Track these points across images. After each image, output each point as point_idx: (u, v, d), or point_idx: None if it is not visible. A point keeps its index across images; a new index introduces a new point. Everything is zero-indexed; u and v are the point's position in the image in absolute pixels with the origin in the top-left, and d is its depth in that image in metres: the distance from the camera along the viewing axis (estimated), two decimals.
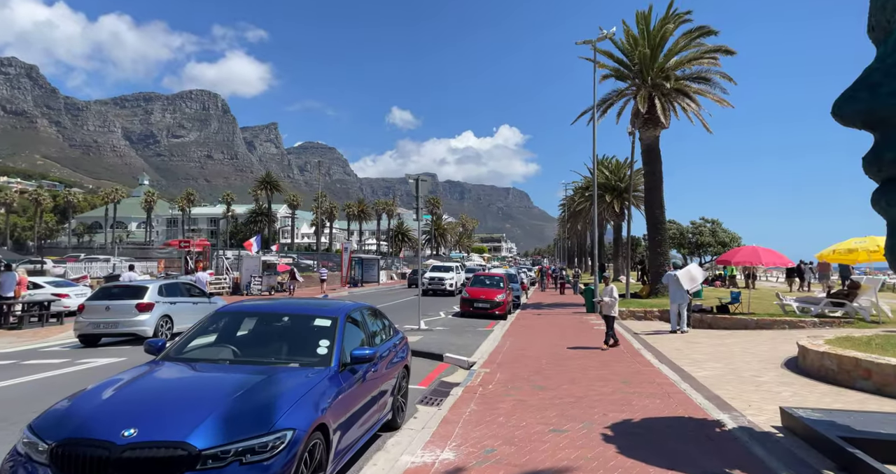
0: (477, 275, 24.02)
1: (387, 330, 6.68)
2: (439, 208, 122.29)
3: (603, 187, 44.98)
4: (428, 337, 14.16)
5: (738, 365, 9.50)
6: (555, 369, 9.71)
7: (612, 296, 11.83)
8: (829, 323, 13.13)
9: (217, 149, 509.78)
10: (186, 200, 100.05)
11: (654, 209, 24.71)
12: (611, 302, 11.83)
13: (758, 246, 14.74)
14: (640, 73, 23.75)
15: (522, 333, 15.12)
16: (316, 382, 4.28)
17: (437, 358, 11.46)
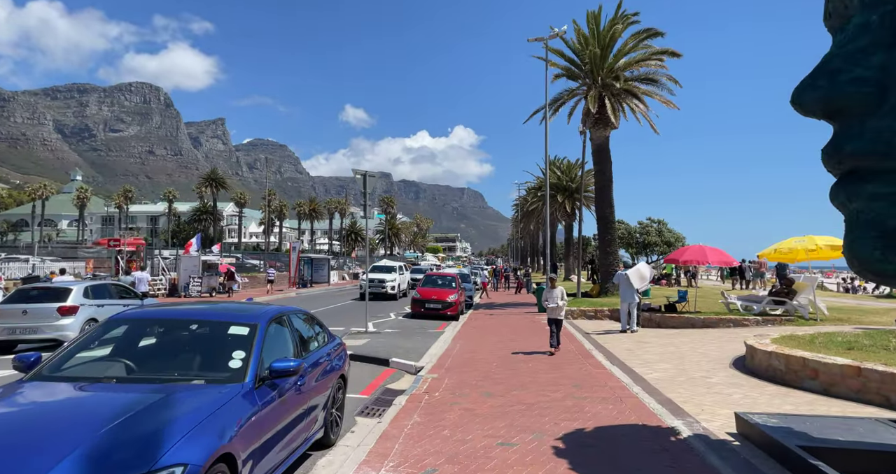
0: (429, 275, 23.53)
1: (320, 336, 6.05)
2: (393, 207, 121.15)
3: (555, 187, 45.45)
4: (375, 340, 13.54)
5: (689, 366, 9.39)
6: (505, 373, 9.32)
7: (563, 299, 11.31)
8: (770, 321, 13.38)
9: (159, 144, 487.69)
10: (124, 197, 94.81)
11: (605, 208, 24.92)
12: (557, 306, 11.19)
13: (704, 245, 14.90)
14: (590, 72, 23.88)
15: (473, 335, 14.72)
16: (223, 402, 3.64)
17: (382, 364, 10.87)
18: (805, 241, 13.12)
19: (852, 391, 6.73)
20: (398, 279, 28.51)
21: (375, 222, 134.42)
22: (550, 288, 11.31)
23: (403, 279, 30.22)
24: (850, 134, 4.25)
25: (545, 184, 25.66)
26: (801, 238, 13.34)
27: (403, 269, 31.49)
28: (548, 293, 11.34)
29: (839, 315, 14.63)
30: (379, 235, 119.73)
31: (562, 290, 11.30)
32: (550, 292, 11.28)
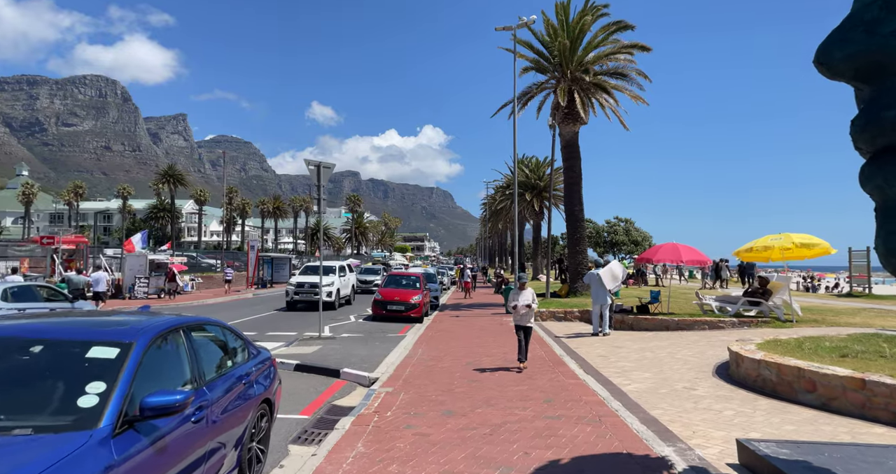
0: (392, 275, 22.38)
1: (238, 353, 4.90)
2: (360, 206, 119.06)
3: (523, 185, 44.86)
4: (328, 347, 12.36)
5: (669, 375, 8.58)
6: (469, 385, 8.31)
7: (534, 301, 9.56)
8: (746, 322, 12.80)
9: (116, 140, 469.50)
10: (74, 193, 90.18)
11: (574, 206, 24.26)
12: (527, 311, 9.45)
13: (677, 243, 14.26)
14: (559, 65, 23.16)
15: (437, 339, 13.70)
16: (55, 461, 2.50)
17: (332, 375, 9.73)
18: (781, 239, 12.58)
19: (856, 406, 5.98)
20: (338, 283, 22.08)
21: (342, 221, 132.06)
22: (519, 289, 9.63)
23: (346, 283, 23.62)
24: (891, 97, 3.39)
25: (513, 182, 24.85)
26: (777, 236, 12.81)
27: (347, 270, 24.49)
28: (516, 295, 9.59)
29: (812, 315, 14.20)
30: (345, 234, 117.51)
31: (532, 293, 9.63)
32: (519, 294, 9.54)
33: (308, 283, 21.04)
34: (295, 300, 21.33)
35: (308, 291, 20.93)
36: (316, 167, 13.45)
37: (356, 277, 29.40)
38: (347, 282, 23.86)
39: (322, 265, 21.04)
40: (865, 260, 27.03)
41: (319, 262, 14.92)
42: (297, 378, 9.52)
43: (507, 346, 12.43)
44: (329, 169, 13.72)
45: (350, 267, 26.54)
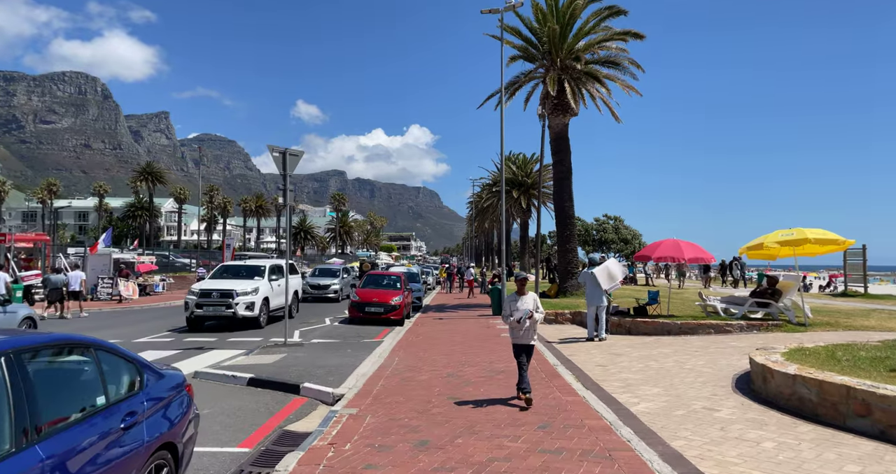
0: (371, 274, 21.01)
1: (117, 384, 3.54)
2: (345, 205, 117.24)
3: (510, 183, 43.70)
4: (293, 355, 10.99)
5: (682, 390, 7.37)
6: (448, 405, 7.03)
7: (538, 311, 6.97)
8: (755, 326, 11.69)
9: (96, 137, 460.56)
10: (47, 191, 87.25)
11: (564, 202, 23.12)
12: (529, 324, 6.88)
13: (679, 239, 13.12)
14: (548, 53, 21.98)
15: (417, 345, 12.40)
16: None
17: (291, 391, 8.37)
18: (793, 234, 11.48)
19: None
20: (265, 290, 15.78)
21: (327, 220, 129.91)
22: (519, 294, 6.99)
23: (280, 289, 16.50)
24: None
25: (501, 177, 23.63)
26: (787, 231, 11.71)
27: (271, 273, 17.05)
28: (513, 302, 6.97)
29: (823, 317, 13.14)
30: (330, 233, 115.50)
31: (536, 298, 7.03)
32: (519, 301, 6.92)
33: (218, 291, 14.69)
34: (197, 316, 14.76)
35: (218, 302, 14.58)
36: (281, 154, 12.05)
37: (307, 281, 25.12)
38: (283, 289, 15.92)
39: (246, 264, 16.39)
40: (861, 258, 26.26)
41: (287, 259, 13.47)
42: (250, 395, 8.16)
43: (494, 353, 11.18)
44: (296, 157, 12.32)
45: (294, 267, 20.06)
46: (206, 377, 9.06)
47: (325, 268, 28.91)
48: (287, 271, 13.90)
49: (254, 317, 15.12)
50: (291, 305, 17.68)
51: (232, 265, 17.85)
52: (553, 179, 24.27)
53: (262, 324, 15.39)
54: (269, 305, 15.91)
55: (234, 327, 15.22)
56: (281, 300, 16.51)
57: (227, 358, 10.80)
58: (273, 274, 16.82)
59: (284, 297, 14.88)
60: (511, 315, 6.92)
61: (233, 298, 14.74)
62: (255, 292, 15.34)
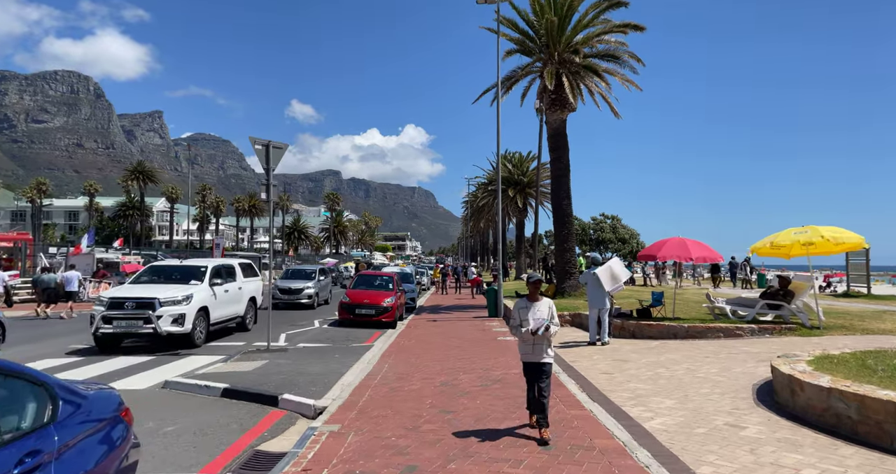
0: (362, 275, 20.28)
1: (16, 416, 2.80)
2: (339, 204, 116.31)
3: (506, 181, 43.02)
4: (276, 362, 10.24)
5: (700, 403, 6.68)
6: (441, 419, 6.32)
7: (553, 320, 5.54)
8: (768, 329, 11.03)
9: (89, 137, 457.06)
10: (37, 190, 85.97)
11: (561, 200, 22.44)
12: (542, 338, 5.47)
13: (685, 237, 12.46)
14: (546, 46, 21.30)
15: (409, 350, 11.69)
16: None
17: (269, 403, 7.63)
18: (807, 233, 10.85)
19: None
20: (203, 298, 12.26)
21: (321, 219, 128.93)
22: (531, 300, 5.63)
23: (229, 297, 13.54)
24: None
25: (497, 174, 22.95)
26: (801, 228, 11.08)
27: (236, 275, 14.31)
28: (524, 310, 5.58)
29: (835, 320, 12.50)
30: (324, 233, 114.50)
31: (551, 306, 5.65)
32: (531, 308, 5.54)
33: (134, 301, 11.14)
34: (106, 335, 11.30)
35: (133, 316, 11.06)
36: (264, 147, 11.31)
37: (276, 284, 21.58)
38: (234, 297, 13.66)
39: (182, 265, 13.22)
40: (864, 258, 25.72)
41: (270, 259, 12.70)
42: (223, 408, 7.42)
43: (490, 359, 10.49)
44: (280, 150, 11.59)
45: (252, 267, 15.81)
46: (177, 387, 8.32)
47: (297, 269, 24.71)
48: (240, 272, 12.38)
49: (184, 334, 11.46)
50: (247, 315, 14.63)
51: (162, 266, 14.04)
52: (550, 177, 23.62)
53: (196, 341, 11.84)
54: (208, 317, 12.32)
55: (162, 347, 11.70)
56: (230, 310, 13.58)
57: (204, 366, 10.05)
58: (217, 277, 13.17)
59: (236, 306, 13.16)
60: (521, 325, 5.50)
61: (153, 309, 10.98)
62: (186, 300, 11.54)
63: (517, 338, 5.71)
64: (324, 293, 23.81)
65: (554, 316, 5.62)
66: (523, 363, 5.72)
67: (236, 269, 14.57)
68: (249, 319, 14.96)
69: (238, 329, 14.53)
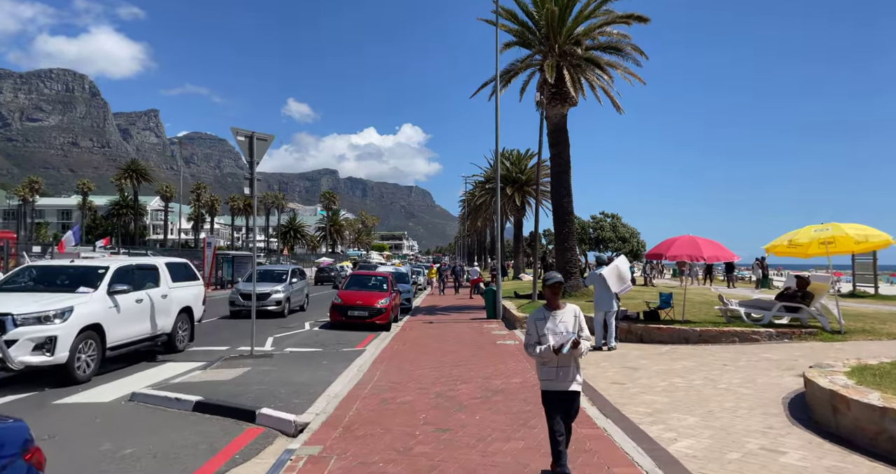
0: (355, 275, 19.53)
1: None
2: (336, 203, 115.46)
3: (504, 180, 42.30)
4: (258, 369, 9.48)
5: (727, 420, 5.96)
6: (436, 441, 5.59)
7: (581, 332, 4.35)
8: (787, 334, 10.32)
9: (84, 135, 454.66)
10: (29, 189, 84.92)
11: (562, 197, 21.71)
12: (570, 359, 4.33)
13: (695, 236, 11.75)
14: (546, 38, 20.57)
15: (403, 355, 10.95)
16: None
17: (246, 418, 6.88)
18: (829, 230, 10.16)
19: None
20: (91, 313, 8.88)
21: (317, 218, 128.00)
22: (551, 308, 4.44)
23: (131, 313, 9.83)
24: None
25: (496, 171, 22.19)
26: (821, 226, 10.39)
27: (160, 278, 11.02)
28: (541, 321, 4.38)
29: (853, 323, 11.83)
30: (320, 232, 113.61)
31: (578, 314, 4.46)
32: (551, 318, 4.37)
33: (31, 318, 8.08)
34: None
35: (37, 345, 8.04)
36: (247, 138, 10.55)
37: (237, 288, 18.70)
38: (154, 308, 10.40)
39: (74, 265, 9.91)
40: (871, 258, 25.09)
41: (253, 259, 11.86)
42: (193, 424, 6.67)
43: (490, 365, 9.77)
44: (265, 141, 10.83)
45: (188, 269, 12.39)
46: (145, 400, 7.55)
47: (266, 269, 21.38)
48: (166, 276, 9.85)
49: (55, 365, 8.15)
50: (177, 331, 11.17)
51: (44, 267, 10.45)
52: (550, 173, 22.89)
53: (78, 375, 8.48)
54: (103, 338, 9.06)
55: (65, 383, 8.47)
56: (144, 326, 10.09)
57: (181, 374, 9.29)
58: (123, 282, 9.75)
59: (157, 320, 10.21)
60: (539, 341, 4.22)
61: (2, 331, 7.77)
62: (60, 316, 8.26)
63: (534, 358, 4.40)
64: (297, 298, 20.30)
65: (583, 327, 4.35)
66: (544, 392, 4.37)
67: (160, 272, 10.95)
68: (182, 337, 11.49)
69: (165, 350, 11.04)
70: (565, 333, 4.22)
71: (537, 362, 4.43)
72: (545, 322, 4.33)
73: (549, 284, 4.44)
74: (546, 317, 4.36)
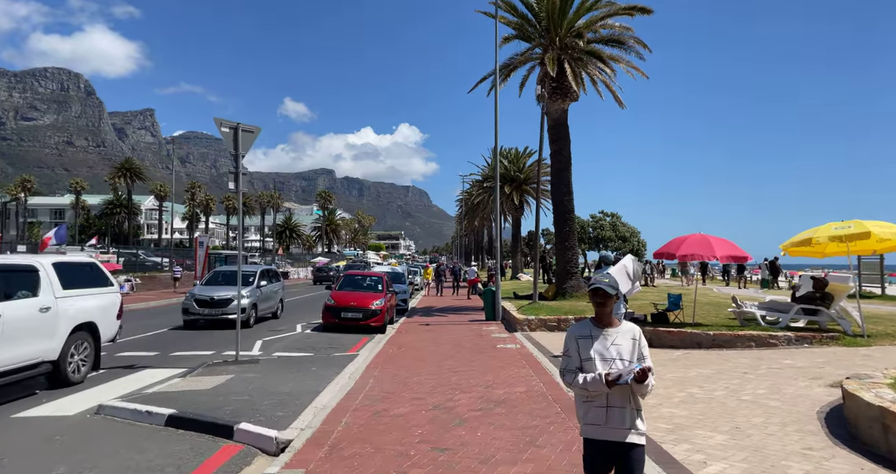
0: (348, 275, 18.87)
1: None
2: (332, 202, 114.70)
3: (502, 178, 41.68)
4: (242, 377, 8.81)
5: (759, 439, 5.32)
6: (433, 464, 4.95)
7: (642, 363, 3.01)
8: (806, 338, 9.71)
9: (79, 135, 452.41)
10: (21, 188, 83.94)
11: (562, 195, 21.11)
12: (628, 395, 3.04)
13: (706, 234, 11.14)
14: (546, 31, 19.96)
15: (398, 361, 10.30)
16: None
17: (222, 434, 6.22)
18: (851, 227, 9.55)
19: None
20: None
21: (313, 218, 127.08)
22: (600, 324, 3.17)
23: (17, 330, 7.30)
24: None
25: (495, 167, 21.55)
26: (843, 223, 9.79)
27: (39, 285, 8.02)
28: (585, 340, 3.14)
29: (874, 326, 11.21)
30: (316, 232, 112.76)
31: (637, 336, 3.15)
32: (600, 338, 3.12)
33: None
34: None
35: None
36: (232, 129, 9.88)
37: (192, 292, 15.57)
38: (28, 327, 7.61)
39: None
40: (878, 257, 24.56)
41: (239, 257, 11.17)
42: (164, 442, 6.01)
43: (490, 372, 9.13)
44: (251, 133, 10.16)
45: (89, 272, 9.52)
46: (114, 413, 6.87)
47: (227, 270, 17.72)
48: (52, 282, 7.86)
49: None
50: (65, 358, 8.27)
51: None
52: (551, 171, 22.28)
53: None
54: None
55: None
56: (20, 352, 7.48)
57: (159, 382, 8.62)
58: None
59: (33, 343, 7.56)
60: (581, 366, 3.09)
61: None
62: None
63: (574, 390, 3.14)
64: (267, 304, 16.90)
65: (644, 355, 3.10)
66: (586, 441, 3.10)
67: (42, 276, 8.13)
68: (79, 364, 8.60)
69: (50, 383, 8.15)
70: (619, 360, 3.02)
71: (577, 397, 3.13)
72: (592, 341, 3.08)
73: (599, 291, 3.11)
74: (593, 335, 3.10)
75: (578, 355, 3.10)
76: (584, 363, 3.06)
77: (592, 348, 3.06)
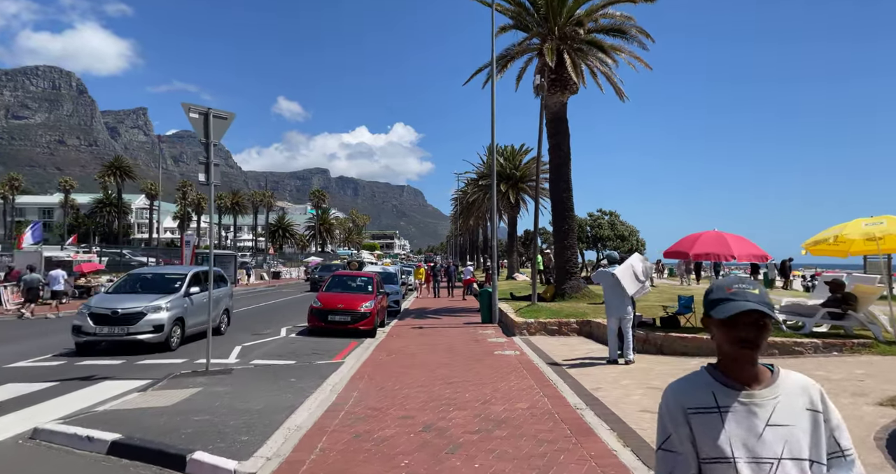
0: (337, 275, 17.93)
1: None
2: (325, 201, 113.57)
3: (498, 176, 40.77)
4: (210, 390, 7.84)
5: None
6: None
7: None
8: (836, 345, 8.83)
9: (71, 133, 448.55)
10: (9, 186, 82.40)
11: (561, 192, 20.23)
12: None
13: (722, 231, 10.27)
14: (545, 20, 19.06)
15: (387, 369, 9.38)
16: None
17: (174, 466, 5.26)
18: (883, 223, 8.72)
19: None
20: None
21: (307, 217, 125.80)
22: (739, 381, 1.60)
23: None
24: None
25: (491, 164, 20.67)
26: (874, 219, 8.95)
27: None
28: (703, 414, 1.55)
29: None
30: (310, 231, 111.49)
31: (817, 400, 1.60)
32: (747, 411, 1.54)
33: None
34: None
35: None
36: (202, 115, 8.91)
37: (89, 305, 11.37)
38: None
39: None
40: (885, 257, 23.80)
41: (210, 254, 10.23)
42: (107, 471, 5.05)
43: (488, 383, 8.23)
44: (224, 120, 9.20)
45: None
46: (51, 438, 5.90)
47: (150, 273, 13.96)
48: None
49: None
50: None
51: None
52: (549, 166, 21.40)
53: None
54: None
55: None
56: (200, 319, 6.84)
57: (114, 397, 7.65)
58: None
59: None
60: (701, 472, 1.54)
61: None
62: None
63: None
64: (197, 318, 12.39)
65: (843, 446, 1.56)
66: None
67: None
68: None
69: None
70: (792, 460, 1.50)
71: None
72: (723, 419, 1.56)
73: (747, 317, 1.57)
74: (725, 404, 1.58)
75: (693, 448, 1.54)
76: (710, 467, 1.52)
77: (726, 432, 1.52)
